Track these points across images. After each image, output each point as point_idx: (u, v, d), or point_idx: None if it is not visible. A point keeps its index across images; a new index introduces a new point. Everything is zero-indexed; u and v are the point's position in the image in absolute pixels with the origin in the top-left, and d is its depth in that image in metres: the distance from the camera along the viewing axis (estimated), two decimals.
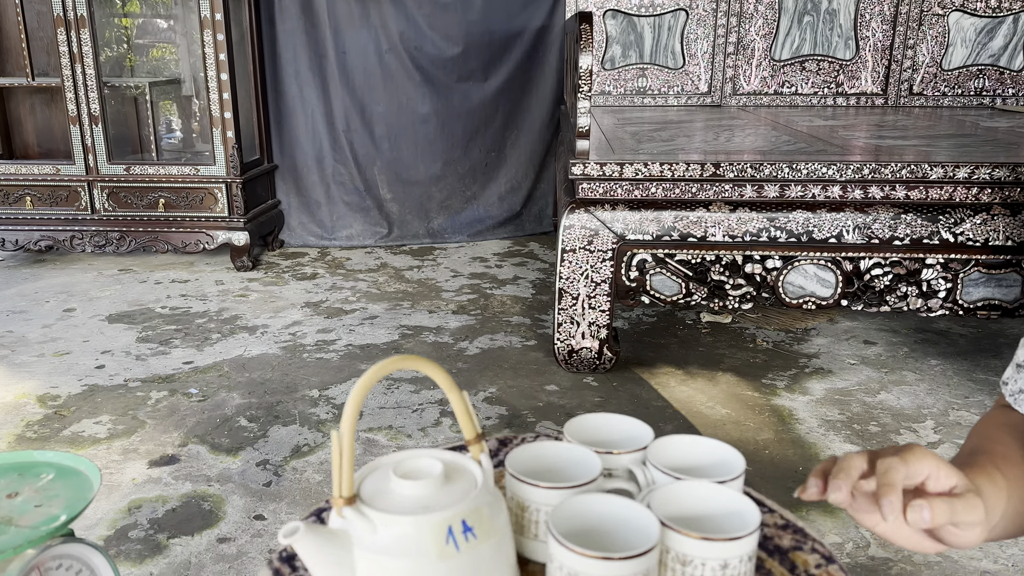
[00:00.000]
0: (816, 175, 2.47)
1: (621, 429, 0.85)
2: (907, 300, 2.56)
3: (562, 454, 0.80)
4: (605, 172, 2.51)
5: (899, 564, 1.78)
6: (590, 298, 2.66)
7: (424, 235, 4.62)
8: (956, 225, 2.48)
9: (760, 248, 2.54)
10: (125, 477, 2.12)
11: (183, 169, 3.90)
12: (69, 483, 0.86)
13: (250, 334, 3.16)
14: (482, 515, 0.65)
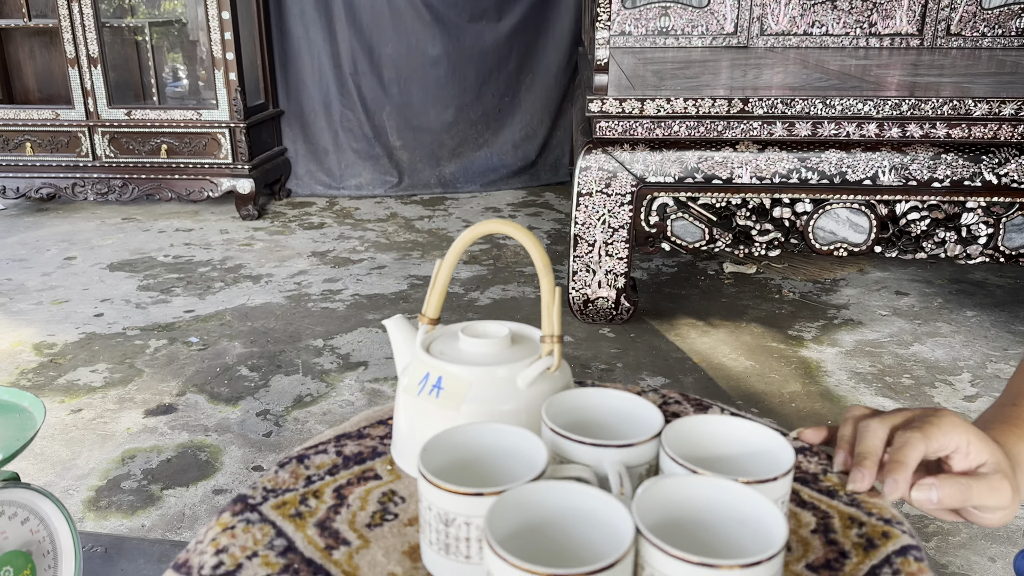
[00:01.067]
0: (851, 111, 2.30)
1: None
2: (945, 246, 2.41)
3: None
4: (624, 109, 2.35)
5: (935, 524, 1.67)
6: (607, 245, 2.52)
7: (436, 185, 4.47)
8: (1000, 166, 2.32)
9: (790, 190, 2.39)
10: (120, 426, 2.03)
11: (185, 114, 3.76)
12: (10, 420, 0.74)
13: (254, 283, 3.05)
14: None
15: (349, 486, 0.68)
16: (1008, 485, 0.60)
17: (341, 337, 2.57)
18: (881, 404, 2.11)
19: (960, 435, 0.61)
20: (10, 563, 0.68)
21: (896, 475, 0.59)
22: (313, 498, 0.66)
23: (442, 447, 0.58)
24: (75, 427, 2.03)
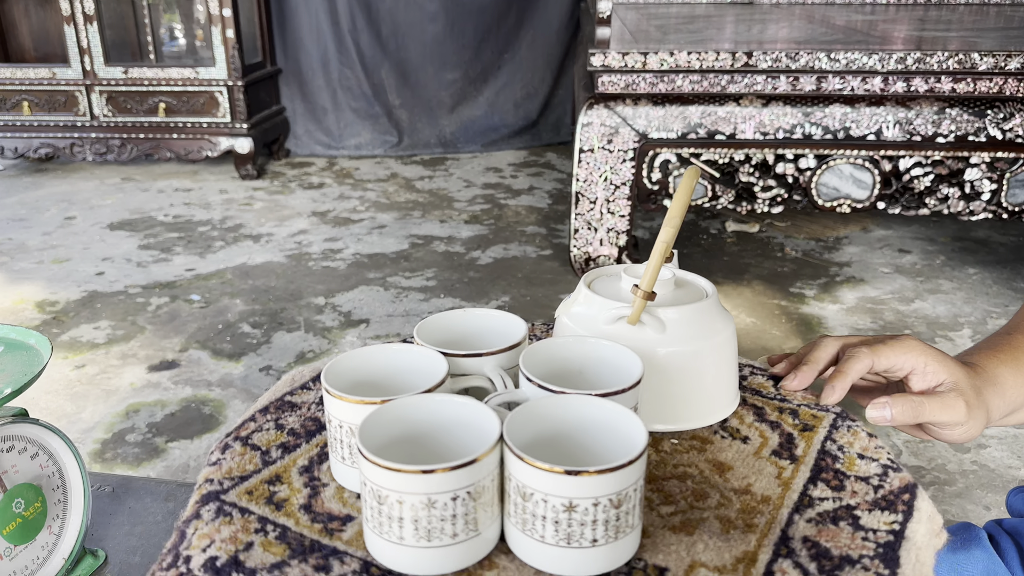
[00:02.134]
0: (856, 65, 2.28)
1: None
2: (948, 202, 2.40)
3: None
4: (627, 63, 2.32)
5: (932, 473, 1.68)
6: (609, 202, 2.51)
7: (436, 144, 4.44)
8: (1005, 120, 2.30)
9: (793, 146, 2.37)
10: (123, 382, 2.04)
11: (183, 72, 3.72)
12: (16, 357, 0.75)
13: (254, 242, 3.05)
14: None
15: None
16: (963, 403, 0.63)
17: (342, 295, 2.57)
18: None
19: (917, 356, 0.65)
20: (21, 495, 0.69)
21: (834, 382, 0.65)
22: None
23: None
24: (79, 382, 2.04)
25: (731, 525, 0.54)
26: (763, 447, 0.64)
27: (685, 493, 0.58)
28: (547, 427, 0.54)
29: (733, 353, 0.67)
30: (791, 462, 0.61)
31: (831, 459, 0.62)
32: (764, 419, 0.67)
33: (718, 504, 0.57)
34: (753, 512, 0.56)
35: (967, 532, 0.70)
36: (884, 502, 0.56)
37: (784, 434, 0.65)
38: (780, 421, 0.67)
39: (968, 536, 0.69)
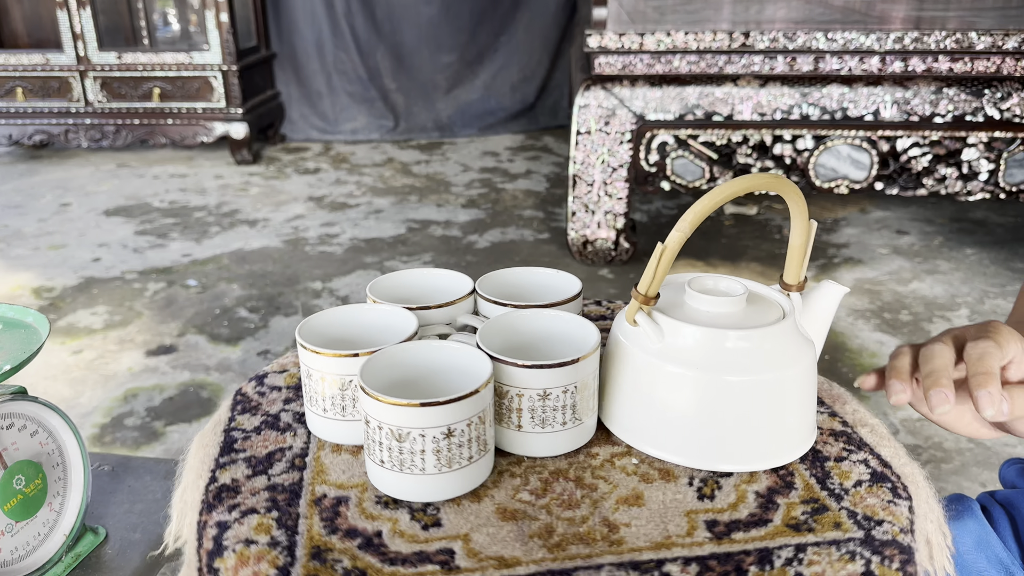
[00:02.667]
0: (853, 45, 2.27)
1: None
2: (946, 183, 2.40)
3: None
4: (624, 44, 2.31)
5: (929, 451, 1.69)
6: (606, 184, 2.51)
7: (432, 128, 4.42)
8: (1003, 100, 2.30)
9: (791, 127, 2.36)
10: (121, 366, 2.04)
11: (177, 56, 3.70)
12: (15, 335, 0.74)
13: (251, 227, 3.04)
14: (780, 343, 0.58)
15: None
16: None
17: (339, 280, 2.57)
18: (879, 339, 2.12)
19: (1016, 343, 0.59)
20: (21, 472, 0.69)
21: (989, 387, 0.55)
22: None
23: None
24: (77, 367, 2.03)
25: None
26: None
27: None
28: (513, 338, 0.63)
29: (808, 386, 0.59)
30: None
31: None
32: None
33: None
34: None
35: (960, 503, 0.70)
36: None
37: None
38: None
39: (961, 507, 0.70)
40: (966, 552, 0.67)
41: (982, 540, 0.68)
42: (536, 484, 0.57)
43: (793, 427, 0.59)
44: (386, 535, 0.52)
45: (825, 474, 0.58)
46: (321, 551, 0.51)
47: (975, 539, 0.68)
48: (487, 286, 0.71)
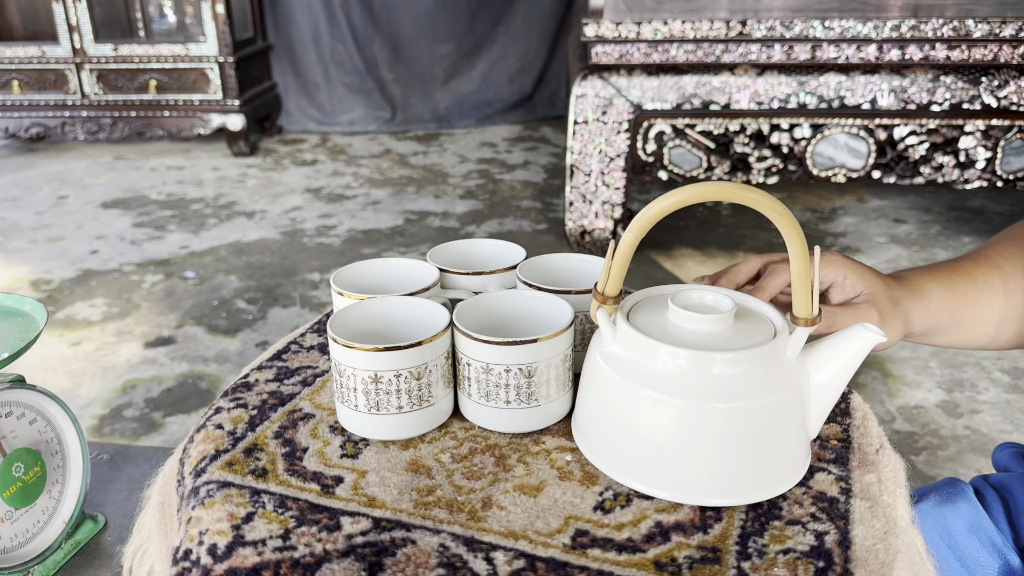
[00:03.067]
0: (851, 33, 2.27)
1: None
2: (943, 171, 2.40)
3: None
4: (621, 33, 2.31)
5: (925, 437, 1.70)
6: (604, 175, 2.51)
7: (430, 120, 4.41)
8: (1000, 88, 2.29)
9: (788, 116, 2.36)
10: (120, 358, 2.04)
11: (173, 48, 3.69)
12: (13, 323, 0.75)
13: (248, 219, 3.04)
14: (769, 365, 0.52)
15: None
16: (875, 312, 0.65)
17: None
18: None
19: (836, 270, 0.65)
20: (20, 460, 0.69)
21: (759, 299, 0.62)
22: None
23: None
24: (75, 359, 2.04)
25: None
26: None
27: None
28: (493, 317, 0.64)
29: (792, 419, 0.53)
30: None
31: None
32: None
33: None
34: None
35: (953, 486, 0.71)
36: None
37: None
38: None
39: (954, 490, 0.70)
40: (959, 535, 0.68)
41: (975, 523, 0.68)
42: (463, 451, 0.59)
43: (771, 463, 0.52)
44: (310, 452, 0.59)
45: (760, 527, 0.51)
46: (254, 448, 0.59)
47: (968, 522, 0.68)
48: (527, 270, 0.69)
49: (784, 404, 0.52)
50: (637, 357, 0.53)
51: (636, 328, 0.54)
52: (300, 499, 0.53)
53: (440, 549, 0.49)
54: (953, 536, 0.68)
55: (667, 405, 0.51)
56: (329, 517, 0.52)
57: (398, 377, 0.57)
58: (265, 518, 0.52)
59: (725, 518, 0.52)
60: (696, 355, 0.51)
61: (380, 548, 0.49)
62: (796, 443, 0.54)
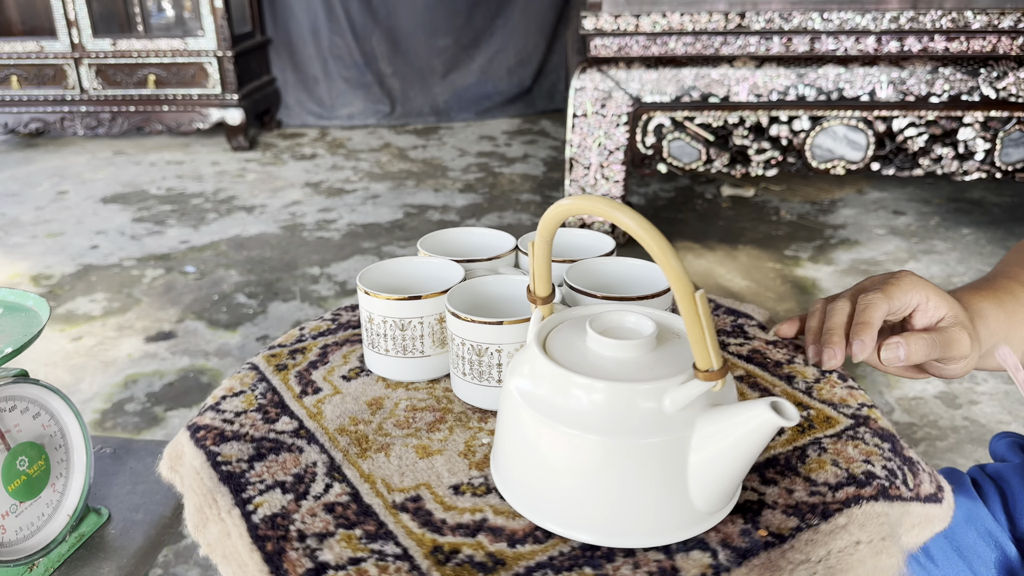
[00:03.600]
0: (849, 25, 2.27)
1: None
2: (942, 163, 2.40)
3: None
4: (620, 26, 2.31)
5: (924, 429, 1.71)
6: (603, 167, 2.51)
7: (429, 113, 4.41)
8: (999, 79, 2.29)
9: (787, 108, 2.36)
10: (121, 353, 2.05)
11: (172, 42, 3.68)
12: (16, 318, 0.75)
13: (248, 213, 3.04)
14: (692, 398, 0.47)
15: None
16: (967, 336, 0.63)
17: (337, 265, 2.57)
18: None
19: (919, 292, 0.63)
20: (24, 453, 0.70)
21: (862, 336, 0.61)
22: (299, 354, 0.73)
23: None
24: (76, 354, 2.04)
25: None
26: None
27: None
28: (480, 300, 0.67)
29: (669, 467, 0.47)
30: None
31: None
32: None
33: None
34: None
35: (950, 477, 0.71)
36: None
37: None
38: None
39: (951, 481, 0.71)
40: (956, 525, 0.68)
41: (972, 513, 0.69)
42: (420, 405, 0.65)
43: (688, 503, 0.47)
44: (327, 367, 0.70)
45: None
46: (300, 351, 0.77)
47: (965, 513, 0.69)
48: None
49: (657, 449, 0.46)
50: (542, 382, 0.48)
51: (548, 355, 0.49)
52: (278, 393, 0.66)
53: (309, 464, 0.57)
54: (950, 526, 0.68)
55: (578, 440, 0.46)
56: (278, 412, 0.64)
57: (384, 322, 0.66)
58: (245, 399, 0.66)
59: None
60: (609, 386, 0.46)
61: (276, 445, 0.60)
62: (671, 497, 0.46)
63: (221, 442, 0.61)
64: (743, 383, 0.66)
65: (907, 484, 0.55)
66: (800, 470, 0.55)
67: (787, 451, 0.57)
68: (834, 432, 0.59)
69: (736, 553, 0.47)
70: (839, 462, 0.55)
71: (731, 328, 0.76)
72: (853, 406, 0.62)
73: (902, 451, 0.58)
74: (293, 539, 0.50)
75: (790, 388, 0.65)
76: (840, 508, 0.51)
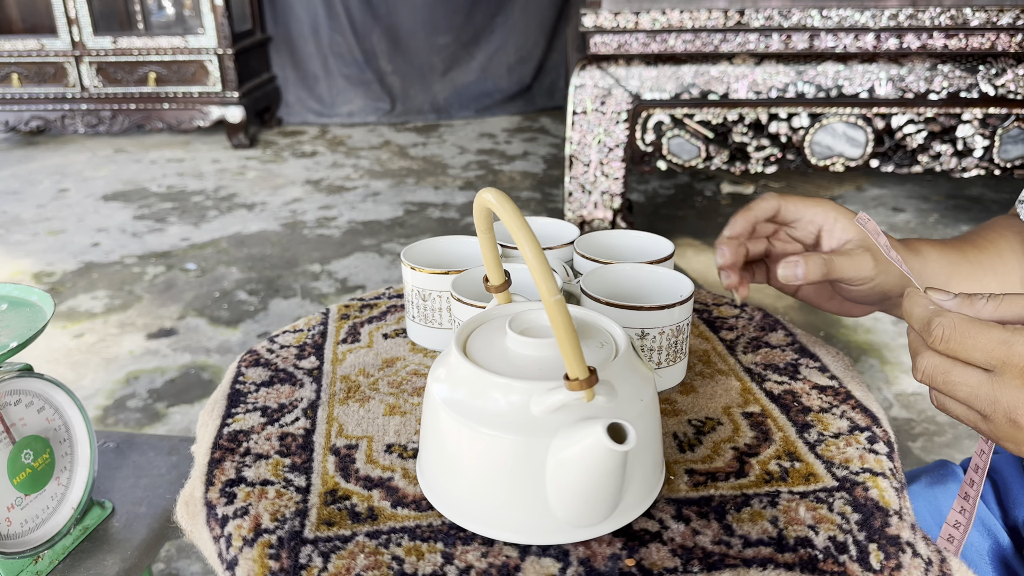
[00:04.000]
0: (849, 22, 2.27)
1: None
2: (940, 160, 2.40)
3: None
4: (619, 23, 2.31)
5: (922, 424, 1.71)
6: (603, 165, 2.51)
7: (429, 111, 4.42)
8: (997, 76, 2.30)
9: (786, 105, 2.37)
10: (122, 349, 2.06)
11: (172, 40, 3.69)
12: (20, 313, 0.76)
13: (248, 211, 3.05)
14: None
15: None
16: (870, 258, 0.62)
17: (338, 262, 2.58)
18: (875, 316, 2.14)
19: (827, 212, 0.64)
20: (29, 447, 0.71)
21: (735, 216, 0.65)
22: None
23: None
24: (78, 351, 2.05)
25: None
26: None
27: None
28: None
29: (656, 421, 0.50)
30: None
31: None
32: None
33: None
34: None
35: (944, 468, 0.72)
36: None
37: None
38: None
39: (945, 472, 0.71)
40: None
41: None
42: (420, 370, 0.70)
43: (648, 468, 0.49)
44: (372, 328, 0.79)
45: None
46: (372, 304, 0.82)
47: None
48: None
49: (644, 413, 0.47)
50: (460, 382, 0.48)
51: (467, 356, 0.49)
52: (326, 337, 0.75)
53: (298, 398, 0.65)
54: (943, 515, 0.69)
55: (495, 439, 0.46)
56: (312, 351, 0.73)
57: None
58: (298, 336, 0.76)
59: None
60: (518, 385, 0.46)
61: (288, 377, 0.68)
62: (531, 498, 0.46)
63: (253, 366, 0.71)
64: (750, 419, 0.61)
65: (865, 563, 0.47)
66: (728, 516, 0.50)
67: (733, 495, 0.52)
68: (803, 490, 0.53)
69: (586, 572, 0.46)
70: (778, 520, 0.50)
71: (784, 365, 0.69)
72: (854, 469, 0.55)
73: (883, 527, 0.49)
74: (238, 453, 0.58)
75: (794, 436, 0.59)
76: (735, 565, 0.46)
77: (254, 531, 0.51)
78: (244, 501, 0.53)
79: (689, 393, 0.65)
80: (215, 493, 0.55)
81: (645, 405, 0.48)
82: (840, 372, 0.68)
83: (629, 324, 0.62)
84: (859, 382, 0.66)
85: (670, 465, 0.56)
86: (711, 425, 0.61)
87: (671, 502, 0.52)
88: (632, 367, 0.49)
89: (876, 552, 0.48)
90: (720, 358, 0.71)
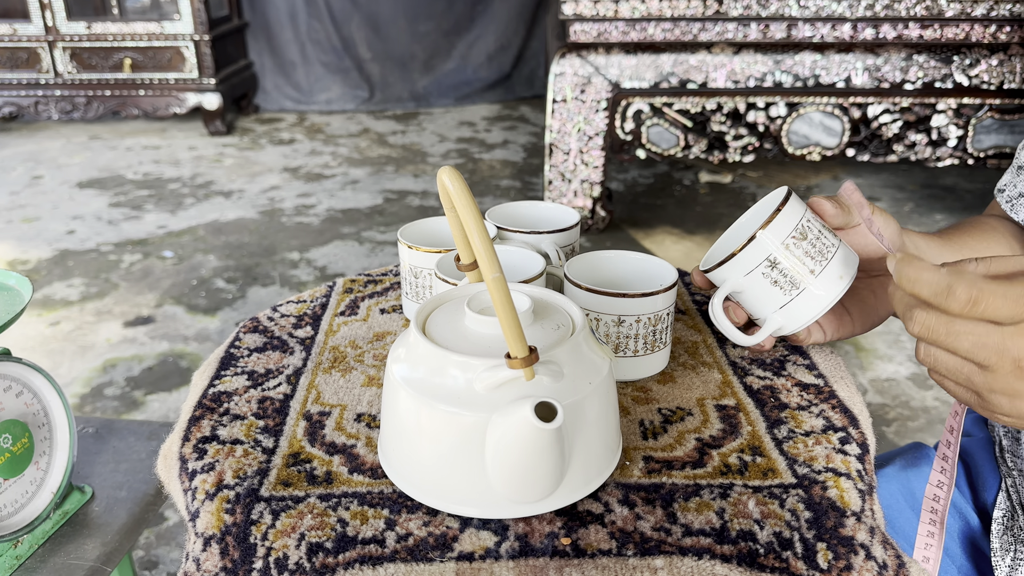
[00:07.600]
0: (826, 12, 2.29)
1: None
2: (915, 149, 2.43)
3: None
4: (599, 11, 2.32)
5: (896, 409, 1.74)
6: (582, 153, 2.52)
7: (408, 99, 4.40)
8: (971, 67, 2.33)
9: (764, 94, 2.39)
10: (99, 337, 2.04)
11: (147, 26, 3.64)
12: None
13: (226, 198, 3.02)
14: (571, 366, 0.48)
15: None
16: (894, 221, 0.61)
17: (317, 250, 2.57)
18: None
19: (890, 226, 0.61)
20: (8, 431, 0.70)
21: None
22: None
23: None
24: (54, 339, 2.03)
25: None
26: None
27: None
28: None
29: (596, 425, 0.50)
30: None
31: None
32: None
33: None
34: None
35: (917, 451, 0.74)
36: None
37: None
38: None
39: (918, 454, 0.73)
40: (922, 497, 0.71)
41: None
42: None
43: (606, 443, 0.50)
44: (376, 302, 0.74)
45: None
46: (382, 278, 0.84)
47: None
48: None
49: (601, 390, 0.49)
50: (418, 360, 0.49)
51: (424, 333, 0.50)
52: (326, 309, 0.78)
53: (285, 365, 0.67)
54: (916, 498, 0.71)
55: (453, 416, 0.46)
56: (309, 322, 0.75)
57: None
58: (299, 307, 0.78)
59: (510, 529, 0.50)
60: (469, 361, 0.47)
61: (281, 344, 0.71)
62: (471, 472, 0.47)
63: (252, 332, 0.73)
64: (722, 412, 0.61)
65: (811, 562, 0.46)
66: (675, 505, 0.50)
67: (684, 484, 0.52)
68: (757, 484, 0.52)
69: (521, 547, 0.47)
70: (725, 512, 0.50)
71: (771, 361, 0.68)
72: (816, 468, 0.54)
73: (836, 528, 0.49)
74: (217, 412, 0.61)
75: (763, 431, 0.58)
76: (670, 552, 0.46)
77: (216, 486, 0.53)
78: (212, 457, 0.56)
79: (667, 383, 0.65)
80: (188, 448, 0.57)
81: (594, 388, 0.48)
82: (828, 371, 0.67)
83: (607, 310, 0.62)
84: (848, 383, 0.65)
85: (628, 451, 0.56)
86: (680, 415, 0.60)
87: (620, 486, 0.52)
88: (585, 350, 0.49)
89: (825, 551, 0.47)
90: (708, 350, 0.70)
